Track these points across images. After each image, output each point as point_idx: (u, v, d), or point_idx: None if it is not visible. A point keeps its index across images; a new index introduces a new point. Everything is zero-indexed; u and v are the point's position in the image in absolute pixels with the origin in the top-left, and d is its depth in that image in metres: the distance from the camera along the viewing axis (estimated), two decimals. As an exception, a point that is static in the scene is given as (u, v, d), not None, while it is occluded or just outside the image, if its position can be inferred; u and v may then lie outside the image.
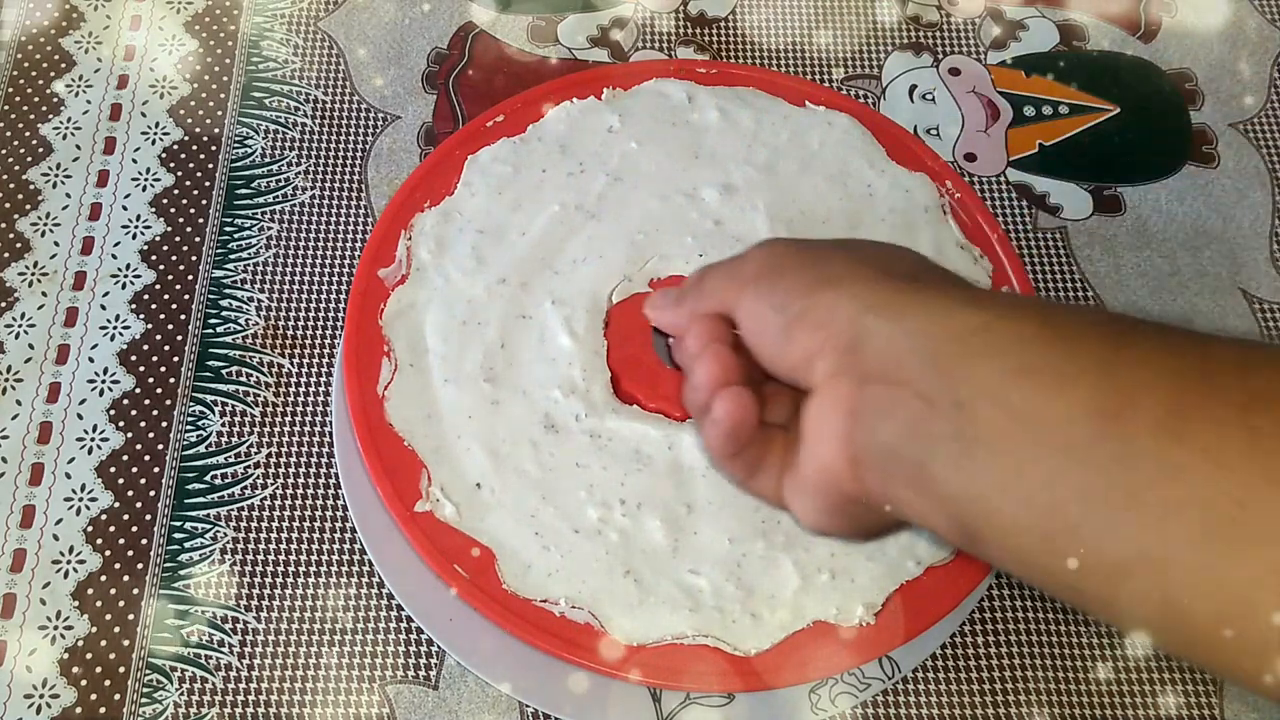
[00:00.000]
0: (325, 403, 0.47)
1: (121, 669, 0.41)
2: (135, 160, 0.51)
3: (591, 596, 0.36)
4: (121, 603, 0.43)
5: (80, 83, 0.53)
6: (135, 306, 0.48)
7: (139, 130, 0.52)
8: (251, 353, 0.47)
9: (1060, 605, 0.44)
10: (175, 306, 0.48)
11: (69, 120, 0.52)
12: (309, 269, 0.49)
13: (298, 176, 0.51)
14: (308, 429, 0.46)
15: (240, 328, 0.48)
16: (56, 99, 0.53)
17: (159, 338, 0.48)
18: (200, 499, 0.45)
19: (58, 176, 0.51)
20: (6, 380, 0.46)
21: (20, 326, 0.47)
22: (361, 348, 0.40)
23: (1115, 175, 0.54)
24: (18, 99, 0.53)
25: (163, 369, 0.47)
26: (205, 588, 0.43)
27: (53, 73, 0.53)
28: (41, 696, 0.41)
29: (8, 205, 0.50)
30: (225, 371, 0.47)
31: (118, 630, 0.42)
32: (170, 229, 0.50)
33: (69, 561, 0.43)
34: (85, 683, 0.41)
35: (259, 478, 0.45)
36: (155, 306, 0.48)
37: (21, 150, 0.51)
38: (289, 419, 0.46)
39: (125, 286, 0.49)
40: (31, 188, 0.50)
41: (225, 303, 0.48)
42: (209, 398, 0.46)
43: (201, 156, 0.52)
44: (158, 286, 0.49)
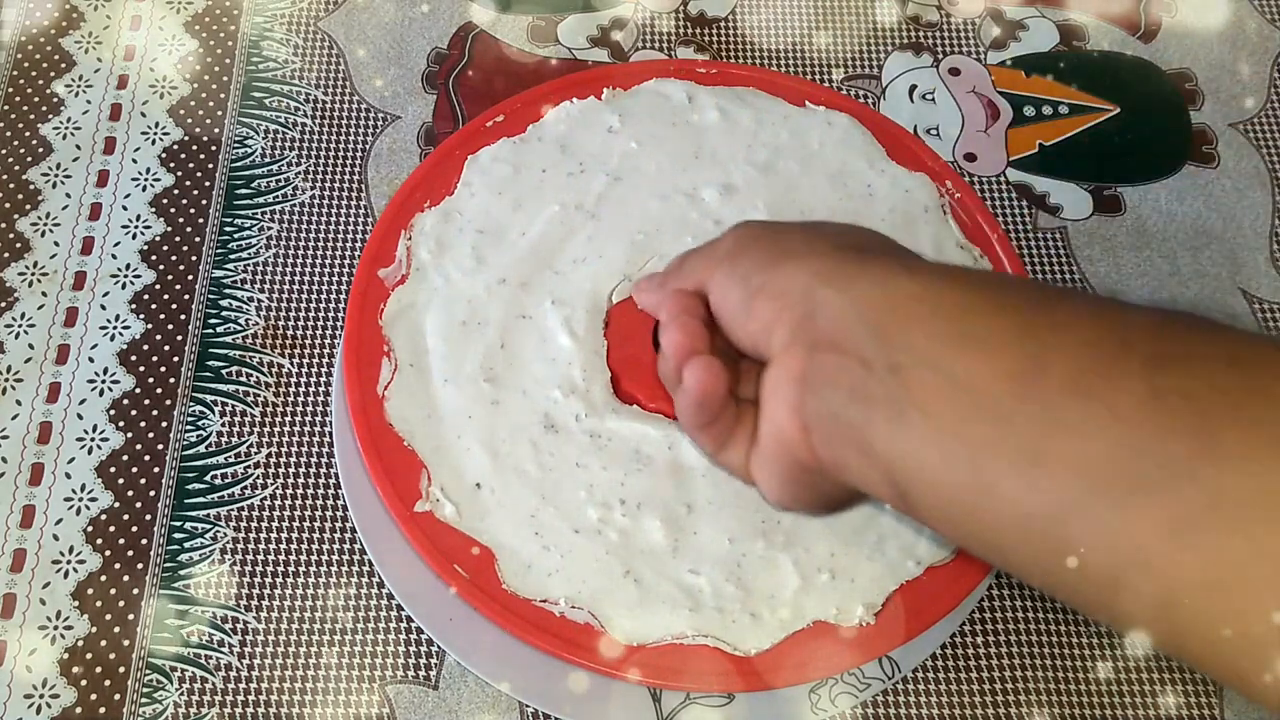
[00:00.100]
0: (325, 403, 0.47)
1: (121, 669, 0.41)
2: (135, 160, 0.51)
3: (591, 596, 0.36)
4: (121, 603, 0.43)
5: (80, 83, 0.53)
6: (135, 306, 0.48)
7: (139, 130, 0.52)
8: (251, 353, 0.47)
9: (1060, 606, 0.44)
10: (175, 306, 0.48)
11: (69, 120, 0.52)
12: (309, 269, 0.49)
13: (298, 176, 0.51)
14: (308, 429, 0.46)
15: (240, 328, 0.48)
16: (56, 99, 0.53)
17: (159, 338, 0.48)
18: (200, 499, 0.45)
19: (58, 176, 0.51)
20: (6, 380, 0.46)
21: (20, 326, 0.47)
22: (361, 348, 0.40)
23: (1115, 175, 0.54)
24: (18, 99, 0.53)
25: (163, 369, 0.47)
26: (205, 588, 0.43)
27: (53, 73, 0.53)
28: (41, 696, 0.41)
29: (8, 205, 0.50)
30: (225, 371, 0.47)
31: (118, 630, 0.42)
32: (170, 229, 0.50)
33: (69, 561, 0.43)
34: (85, 683, 0.41)
35: (259, 478, 0.45)
36: (155, 306, 0.48)
37: (21, 150, 0.51)
38: (289, 419, 0.46)
39: (125, 286, 0.49)
40: (31, 188, 0.50)
41: (225, 303, 0.48)
42: (209, 398, 0.46)
43: (201, 156, 0.52)
44: (158, 286, 0.49)
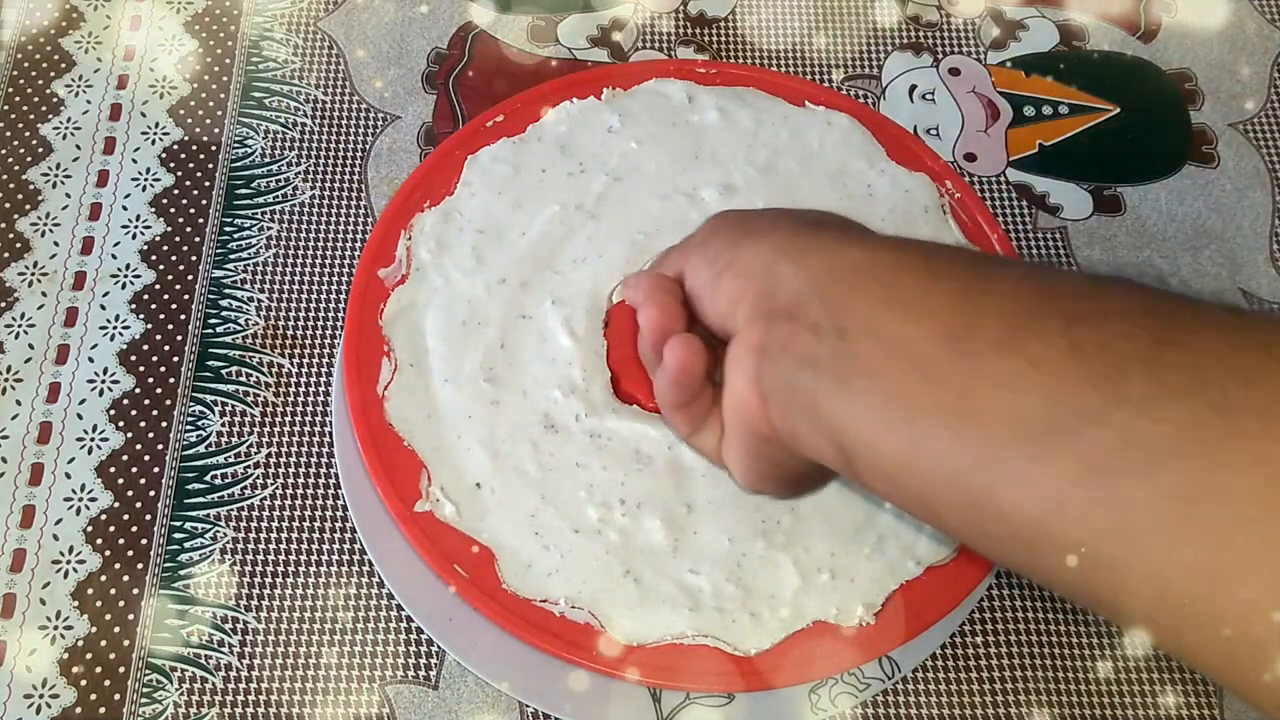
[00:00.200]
0: (325, 403, 0.47)
1: (121, 669, 0.41)
2: (135, 160, 0.51)
3: (591, 596, 0.36)
4: (121, 603, 0.43)
5: (80, 83, 0.53)
6: (135, 306, 0.48)
7: (139, 130, 0.52)
8: (251, 353, 0.47)
9: (1060, 605, 0.44)
10: (175, 306, 0.48)
11: (69, 120, 0.52)
12: (309, 269, 0.49)
13: (298, 176, 0.51)
14: (308, 429, 0.46)
15: (240, 328, 0.48)
16: (56, 99, 0.53)
17: (159, 338, 0.48)
18: (200, 499, 0.45)
19: (58, 176, 0.51)
20: (6, 380, 0.46)
21: (20, 326, 0.47)
22: (361, 348, 0.40)
23: (1115, 175, 0.54)
24: (18, 99, 0.53)
25: (163, 369, 0.47)
26: (205, 588, 0.43)
27: (53, 73, 0.53)
28: (41, 696, 0.41)
29: (8, 205, 0.50)
30: (225, 371, 0.47)
31: (117, 630, 0.42)
32: (170, 229, 0.50)
33: (69, 561, 0.43)
34: (85, 683, 0.41)
35: (259, 478, 0.45)
36: (155, 306, 0.48)
37: (21, 150, 0.51)
38: (289, 419, 0.46)
39: (125, 286, 0.49)
40: (31, 188, 0.50)
41: (225, 303, 0.48)
42: (209, 398, 0.46)
43: (201, 156, 0.52)
44: (158, 286, 0.49)
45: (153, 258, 0.49)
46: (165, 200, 0.51)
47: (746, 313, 0.30)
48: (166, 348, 0.47)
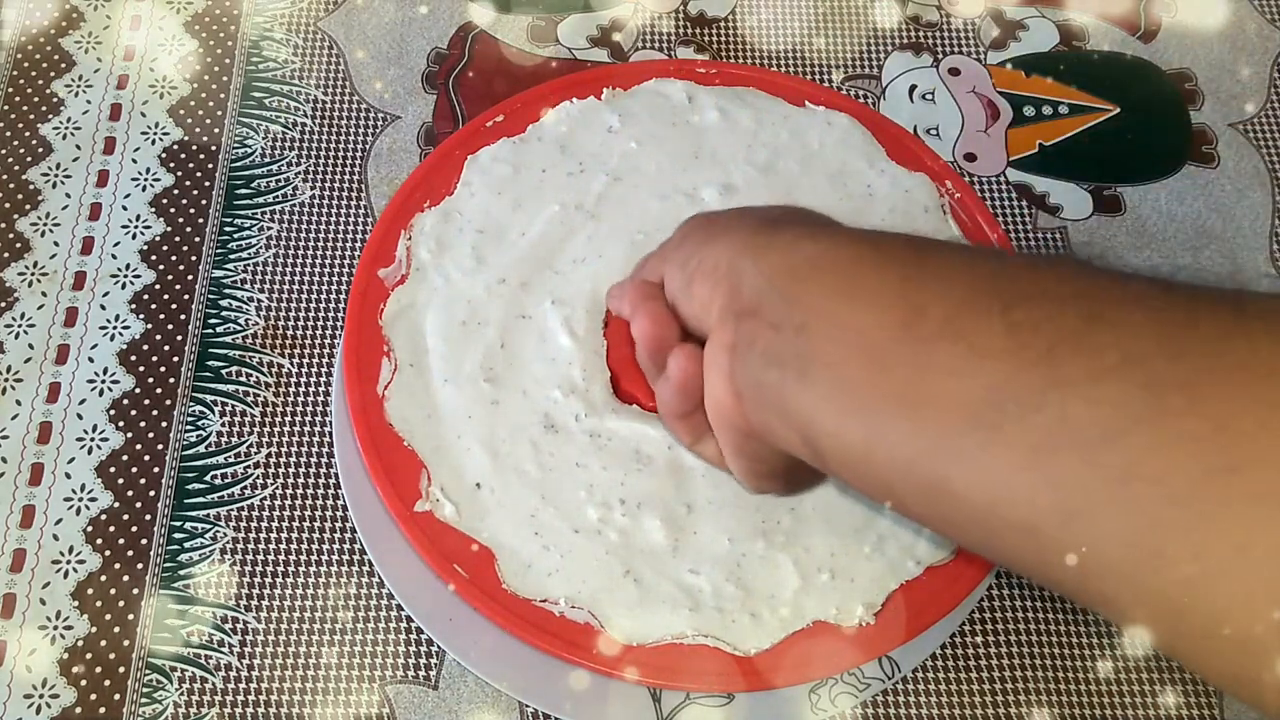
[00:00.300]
0: (325, 403, 0.47)
1: (121, 669, 0.41)
2: (135, 160, 0.51)
3: (591, 596, 0.36)
4: (121, 603, 0.43)
5: (80, 83, 0.53)
6: (135, 306, 0.48)
7: (139, 130, 0.52)
8: (251, 353, 0.47)
9: (1060, 605, 0.44)
10: (175, 306, 0.48)
11: (69, 120, 0.52)
12: (309, 269, 0.49)
13: (298, 176, 0.51)
14: (308, 429, 0.46)
15: (240, 328, 0.48)
16: (56, 99, 0.53)
17: (159, 338, 0.48)
18: (200, 499, 0.45)
19: (58, 176, 0.51)
20: (6, 380, 0.46)
21: (20, 326, 0.47)
22: (361, 348, 0.40)
23: (1115, 175, 0.54)
24: (18, 99, 0.53)
25: (163, 369, 0.47)
26: (205, 587, 0.43)
27: (53, 73, 0.53)
28: (41, 696, 0.41)
29: (8, 205, 0.50)
30: (225, 371, 0.47)
31: (117, 630, 0.42)
32: (170, 229, 0.50)
33: (69, 561, 0.43)
34: (85, 683, 0.41)
35: (259, 478, 0.45)
36: (155, 306, 0.48)
37: (21, 150, 0.51)
38: (289, 419, 0.46)
39: (125, 286, 0.49)
40: (31, 188, 0.51)
41: (225, 303, 0.48)
42: (209, 398, 0.46)
43: (201, 156, 0.52)
44: (158, 286, 0.49)
45: (153, 258, 0.49)
46: (165, 200, 0.51)
47: (718, 312, 0.31)
48: (166, 348, 0.47)
